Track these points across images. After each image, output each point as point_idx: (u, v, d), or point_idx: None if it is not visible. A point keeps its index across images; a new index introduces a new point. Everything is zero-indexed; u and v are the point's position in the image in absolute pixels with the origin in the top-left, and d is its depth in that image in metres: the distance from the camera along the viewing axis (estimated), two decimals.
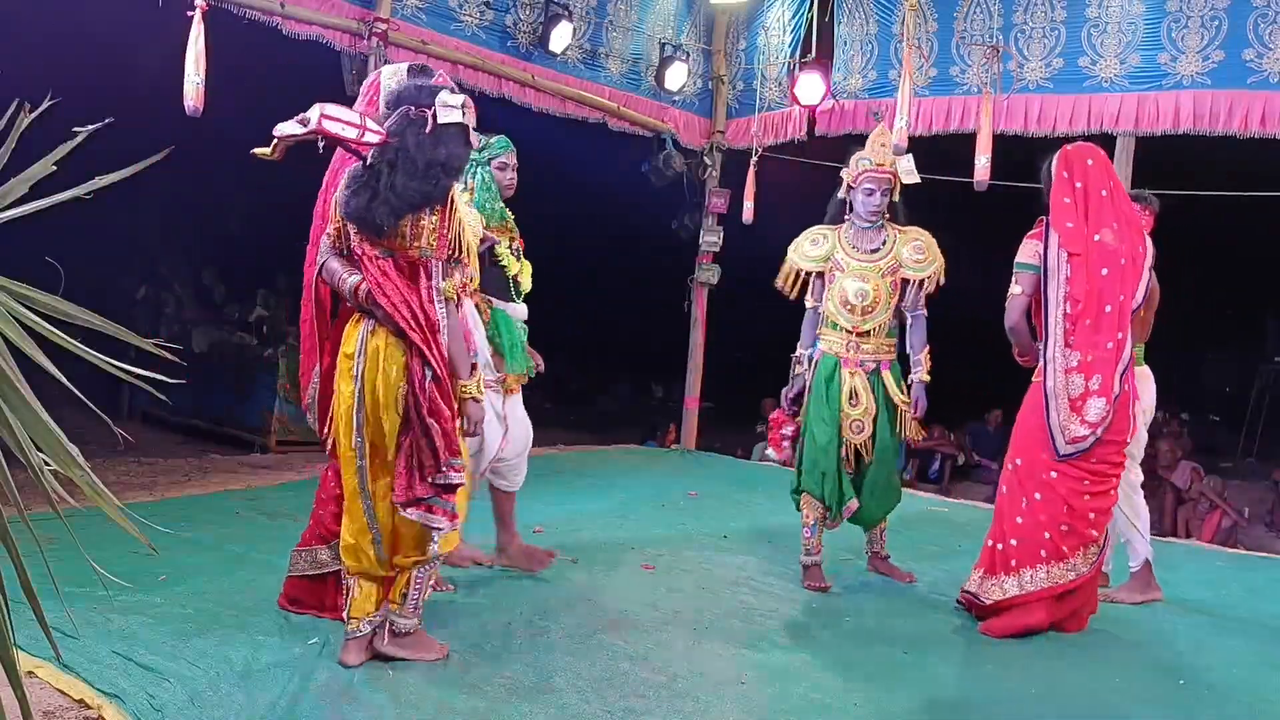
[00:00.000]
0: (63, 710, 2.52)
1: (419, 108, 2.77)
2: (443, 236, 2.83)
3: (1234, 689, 3.28)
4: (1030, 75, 6.48)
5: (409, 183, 2.72)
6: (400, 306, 2.77)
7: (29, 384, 1.50)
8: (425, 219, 2.79)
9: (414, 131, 2.75)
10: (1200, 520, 7.30)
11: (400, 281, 2.80)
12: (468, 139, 2.87)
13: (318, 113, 2.79)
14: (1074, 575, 3.71)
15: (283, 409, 7.95)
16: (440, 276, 2.86)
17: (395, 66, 3.19)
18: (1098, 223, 3.72)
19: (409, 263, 2.83)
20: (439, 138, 2.76)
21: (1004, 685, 3.21)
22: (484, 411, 3.02)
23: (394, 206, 2.72)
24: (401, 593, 2.94)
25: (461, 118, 2.80)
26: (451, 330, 2.87)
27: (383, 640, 2.95)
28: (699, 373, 8.46)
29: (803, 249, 4.34)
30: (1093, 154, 3.83)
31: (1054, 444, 3.69)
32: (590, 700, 2.81)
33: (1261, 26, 5.69)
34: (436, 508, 2.81)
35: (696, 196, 8.23)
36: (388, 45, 6.10)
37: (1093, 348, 3.66)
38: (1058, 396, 3.68)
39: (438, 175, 2.75)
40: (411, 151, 2.73)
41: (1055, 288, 3.70)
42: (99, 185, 1.62)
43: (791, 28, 7.69)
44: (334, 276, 2.92)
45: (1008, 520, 3.84)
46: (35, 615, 1.59)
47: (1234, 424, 11.21)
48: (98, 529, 1.82)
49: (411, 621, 2.96)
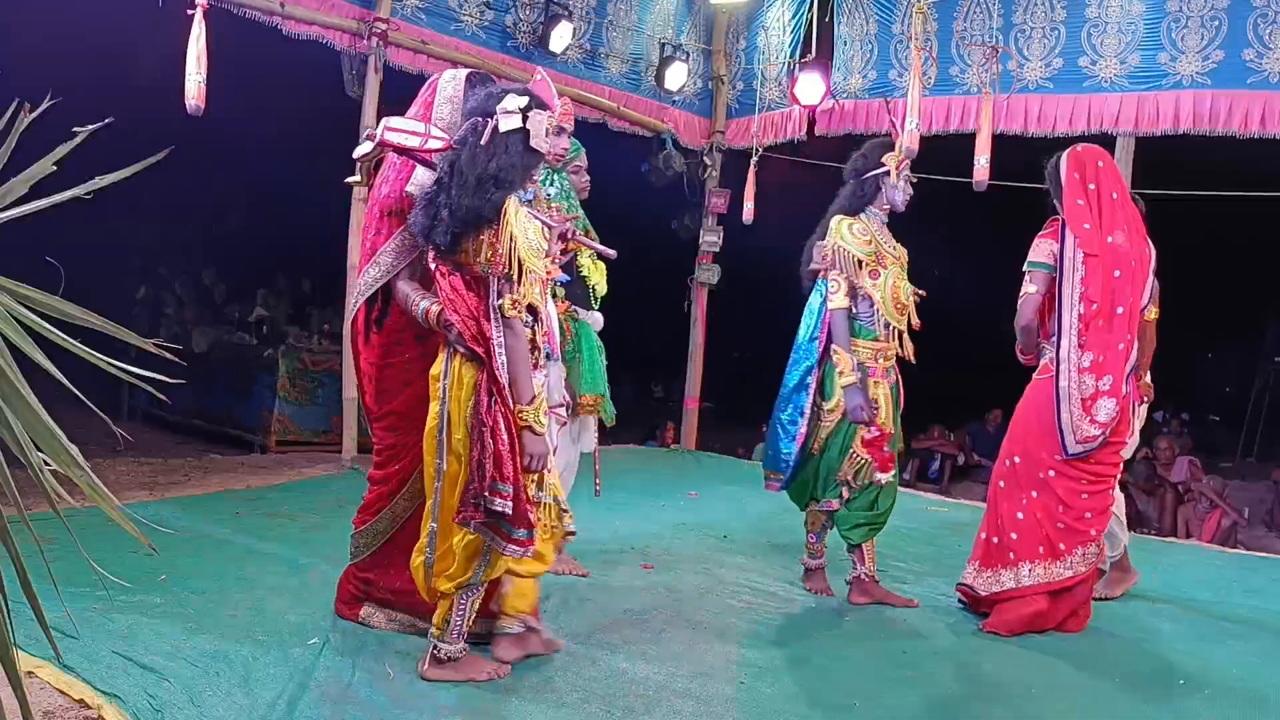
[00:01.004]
0: (63, 710, 2.52)
1: (485, 116, 2.72)
2: (497, 252, 2.68)
3: (1234, 689, 3.28)
4: (1030, 75, 6.48)
5: (461, 200, 2.65)
6: (469, 322, 2.70)
7: (29, 384, 1.50)
8: (484, 234, 2.68)
9: (471, 143, 2.70)
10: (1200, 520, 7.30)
11: (469, 297, 2.72)
12: (528, 146, 2.73)
13: (382, 126, 2.80)
14: (1070, 573, 3.72)
15: (283, 409, 7.95)
16: (496, 294, 2.72)
17: (454, 73, 3.13)
18: (1111, 225, 3.74)
19: (475, 279, 2.75)
20: (493, 149, 2.68)
21: (1004, 685, 3.21)
22: (544, 445, 2.79)
23: (448, 226, 2.66)
24: (445, 619, 2.84)
25: (521, 124, 2.69)
26: (510, 351, 2.72)
27: (423, 666, 2.86)
28: (699, 373, 8.47)
29: (850, 235, 3.89)
30: (1102, 156, 3.85)
31: (1063, 443, 3.70)
32: (590, 700, 2.81)
33: (1261, 26, 5.69)
34: (501, 533, 2.73)
35: (696, 196, 8.23)
36: (388, 45, 6.10)
37: (1105, 348, 3.68)
38: (1070, 396, 3.69)
39: (489, 190, 2.66)
40: (464, 166, 2.67)
41: (1070, 288, 3.70)
42: (99, 185, 1.62)
43: (791, 28, 7.69)
44: (406, 301, 2.90)
45: (1005, 514, 3.86)
46: (35, 615, 1.59)
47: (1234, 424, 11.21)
48: (98, 529, 1.83)
49: (457, 647, 2.85)
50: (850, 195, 4.02)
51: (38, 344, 1.51)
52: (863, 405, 3.81)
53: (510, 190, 2.70)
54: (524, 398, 2.72)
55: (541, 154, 2.81)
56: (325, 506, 5.05)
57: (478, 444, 2.67)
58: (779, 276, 4.51)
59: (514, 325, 2.72)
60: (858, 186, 4.00)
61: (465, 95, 3.00)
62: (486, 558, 2.78)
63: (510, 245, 2.67)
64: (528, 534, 2.75)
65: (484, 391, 2.69)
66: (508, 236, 2.67)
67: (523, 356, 2.73)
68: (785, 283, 4.36)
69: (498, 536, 2.74)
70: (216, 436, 8.35)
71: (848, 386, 3.82)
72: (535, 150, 2.75)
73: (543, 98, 2.87)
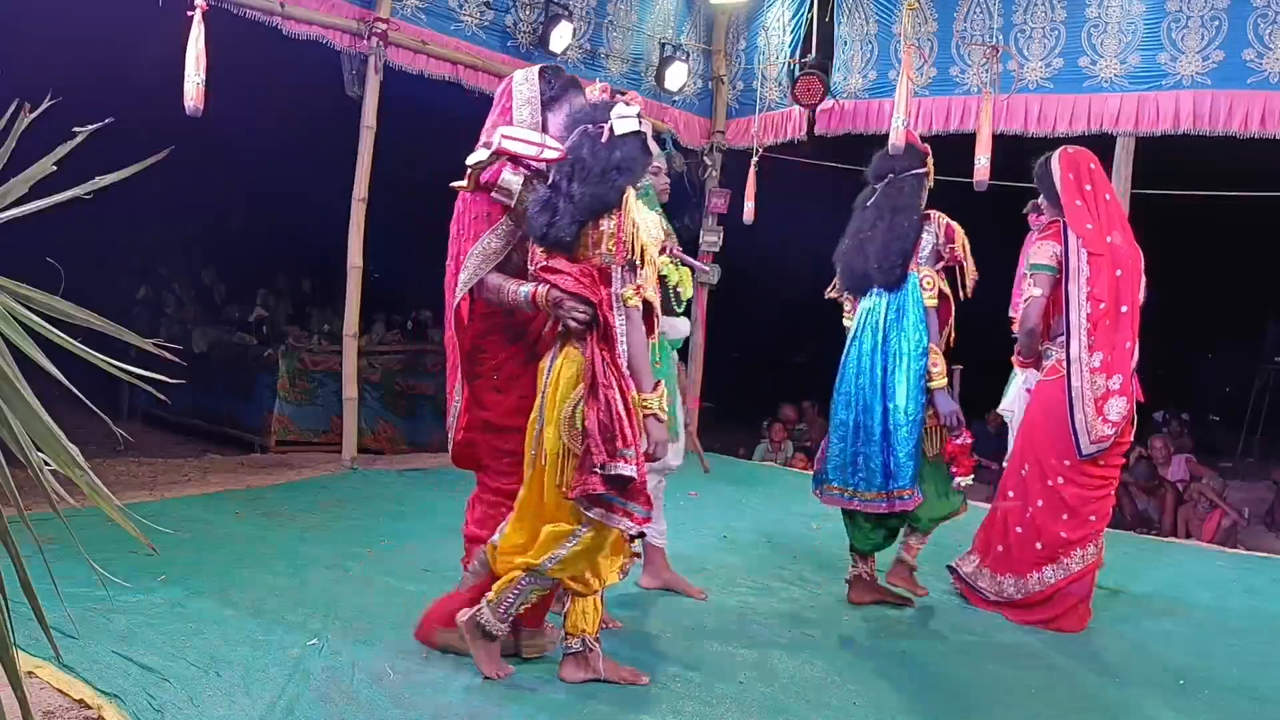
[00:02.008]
0: (63, 710, 2.52)
1: (596, 124, 2.80)
2: (620, 240, 2.71)
3: (1234, 689, 3.28)
4: (1030, 75, 6.48)
5: (585, 189, 2.71)
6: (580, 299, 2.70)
7: (29, 384, 1.50)
8: (604, 224, 2.72)
9: (590, 142, 2.78)
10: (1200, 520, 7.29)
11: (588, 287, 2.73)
12: (645, 146, 2.84)
13: (499, 135, 2.85)
14: (1064, 574, 3.77)
15: (283, 409, 7.94)
16: (619, 283, 2.74)
17: (526, 73, 3.11)
18: (1109, 225, 3.77)
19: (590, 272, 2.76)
20: (614, 144, 2.76)
21: (1004, 684, 3.21)
22: (666, 434, 2.82)
23: (573, 215, 2.71)
24: (500, 588, 2.85)
25: (638, 126, 2.79)
26: (632, 341, 2.74)
27: (462, 615, 2.89)
28: (699, 373, 8.46)
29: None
30: (1092, 158, 3.88)
31: (1077, 444, 3.70)
32: (590, 700, 2.80)
33: (1261, 26, 5.69)
34: (616, 507, 2.71)
35: (696, 196, 8.23)
36: (388, 45, 6.10)
37: (1113, 348, 3.70)
38: (1084, 396, 3.69)
39: (613, 177, 2.72)
40: (588, 160, 2.74)
41: (1077, 289, 3.71)
42: (99, 185, 1.62)
43: (791, 28, 7.69)
44: (499, 292, 2.88)
45: (1012, 524, 3.90)
46: (35, 615, 1.59)
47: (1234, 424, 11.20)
48: (98, 529, 1.82)
49: (498, 625, 2.85)
50: (912, 193, 3.91)
51: (38, 344, 1.51)
52: (957, 409, 3.84)
53: (632, 179, 2.78)
54: (646, 387, 2.75)
55: (652, 155, 2.89)
56: (325, 507, 5.05)
57: (597, 408, 2.64)
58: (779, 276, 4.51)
59: (634, 315, 2.74)
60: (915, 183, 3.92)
61: (542, 91, 3.03)
62: (561, 553, 2.76)
63: (633, 231, 2.71)
64: (644, 512, 2.74)
65: (599, 361, 2.67)
66: (630, 222, 2.71)
67: (643, 346, 2.76)
68: (785, 283, 4.35)
69: (612, 511, 2.70)
70: (216, 436, 8.35)
71: (942, 389, 3.81)
72: (648, 151, 2.85)
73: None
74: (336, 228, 6.30)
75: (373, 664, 2.93)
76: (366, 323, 8.04)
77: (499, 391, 3.05)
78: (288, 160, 8.61)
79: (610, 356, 2.70)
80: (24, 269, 1.61)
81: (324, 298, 9.88)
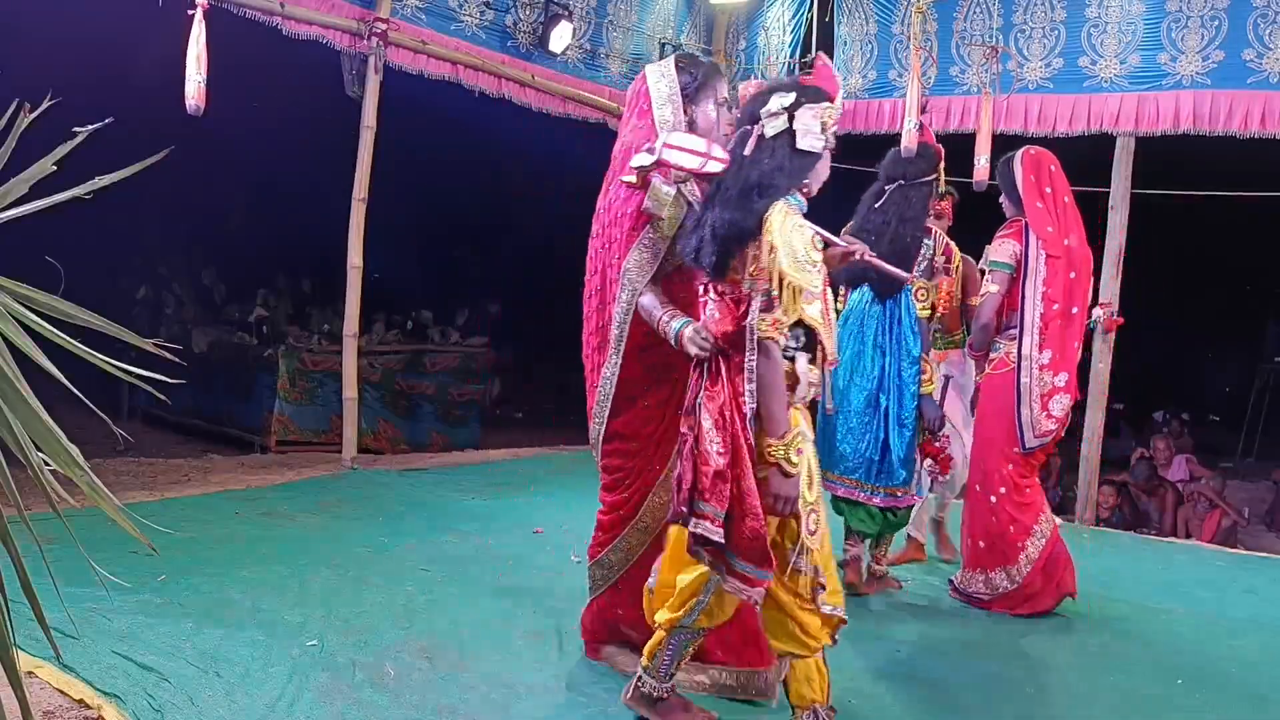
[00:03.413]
0: (63, 710, 2.52)
1: (753, 123, 2.46)
2: (759, 266, 2.35)
3: (1233, 688, 3.28)
4: (1030, 75, 6.48)
5: (723, 214, 2.39)
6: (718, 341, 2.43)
7: (29, 384, 1.50)
8: (749, 248, 2.38)
9: (736, 155, 2.46)
10: (1200, 520, 7.28)
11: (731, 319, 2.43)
12: (796, 148, 2.42)
13: (661, 143, 2.59)
14: (1042, 542, 3.89)
15: (283, 409, 7.94)
16: (755, 312, 2.35)
17: (659, 68, 2.92)
18: (1067, 228, 3.90)
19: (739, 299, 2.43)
20: (757, 156, 2.42)
21: (1003, 684, 3.20)
22: (794, 488, 2.37)
23: (712, 247, 2.40)
24: (654, 651, 2.59)
25: (787, 125, 2.41)
26: (761, 378, 2.35)
27: (626, 694, 2.66)
28: None
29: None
30: (1054, 160, 3.98)
31: (1021, 438, 3.86)
32: (592, 700, 2.80)
33: (1261, 26, 5.69)
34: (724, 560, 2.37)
35: None
36: (388, 45, 6.10)
37: (1062, 347, 3.86)
38: (1031, 392, 3.84)
39: (751, 199, 2.37)
40: (727, 180, 2.45)
41: (1033, 288, 3.85)
42: (99, 185, 1.62)
43: (791, 28, 7.69)
44: (650, 317, 2.69)
45: (984, 517, 3.99)
46: (35, 615, 1.60)
47: (1234, 424, 11.20)
48: (98, 529, 1.82)
49: (662, 686, 2.60)
50: (920, 204, 3.99)
51: (38, 344, 1.51)
52: (941, 414, 4.11)
53: (775, 197, 2.38)
54: (775, 430, 2.36)
55: (815, 154, 2.46)
56: (325, 507, 5.05)
57: (681, 452, 2.42)
58: None
59: (769, 349, 2.35)
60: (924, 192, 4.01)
61: (684, 85, 2.84)
62: (704, 601, 2.47)
63: (771, 257, 2.33)
64: (758, 572, 2.33)
65: (696, 394, 2.44)
66: (767, 248, 2.34)
67: (775, 385, 2.36)
68: None
69: (721, 568, 2.38)
70: (216, 436, 8.34)
71: (929, 395, 4.05)
72: (805, 151, 2.43)
73: (821, 87, 2.54)
74: (336, 228, 6.30)
75: (373, 664, 2.93)
76: (366, 323, 8.03)
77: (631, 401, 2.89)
78: (288, 160, 8.61)
79: (719, 393, 2.38)
80: (24, 269, 1.61)
81: (324, 298, 9.87)
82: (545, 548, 4.51)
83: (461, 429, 8.80)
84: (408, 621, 3.33)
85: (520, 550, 4.43)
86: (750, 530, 2.31)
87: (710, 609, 2.48)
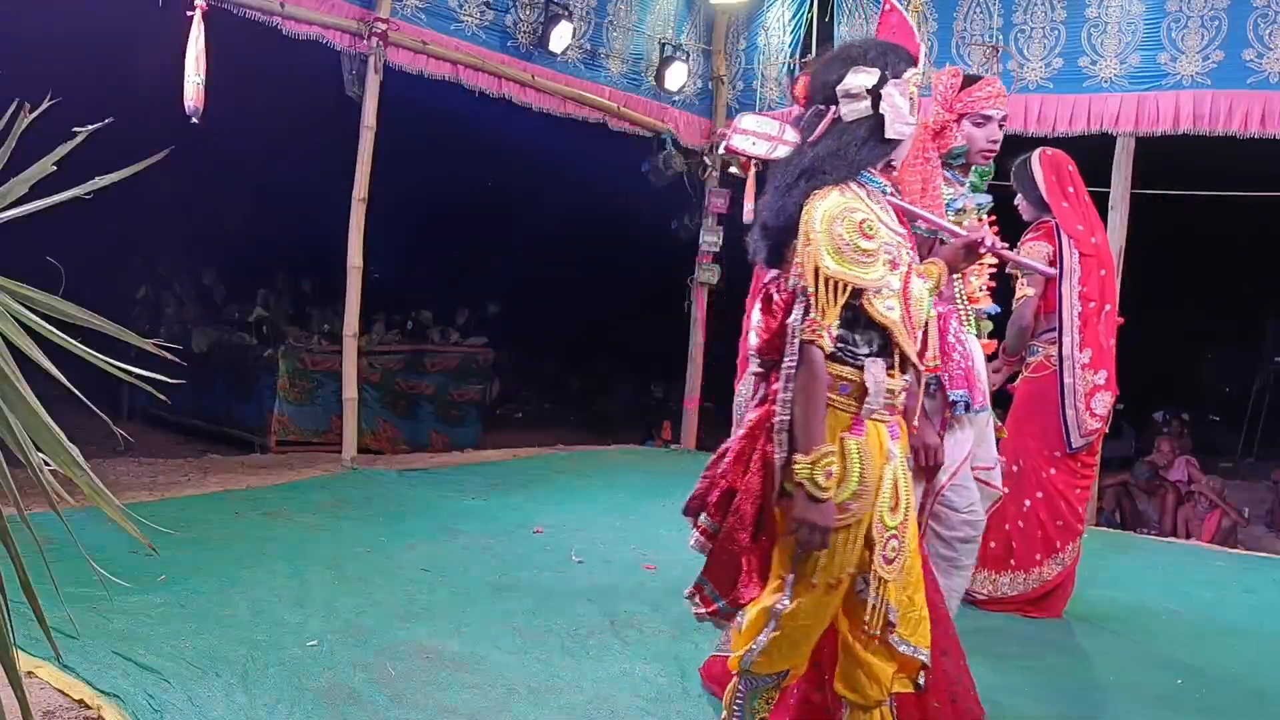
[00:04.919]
0: (63, 710, 2.52)
1: (827, 103, 2.14)
2: (797, 262, 2.09)
3: (1233, 688, 3.28)
4: (1030, 75, 6.48)
5: (772, 201, 2.15)
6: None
7: (29, 384, 1.50)
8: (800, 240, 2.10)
9: (803, 140, 2.18)
10: (1200, 520, 7.28)
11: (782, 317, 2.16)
12: (880, 137, 2.10)
13: (732, 127, 2.41)
14: (1060, 569, 3.88)
15: (283, 409, 7.95)
16: (800, 313, 2.06)
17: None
18: (1092, 227, 3.91)
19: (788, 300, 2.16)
20: (819, 141, 2.12)
21: (1002, 684, 3.20)
22: (820, 515, 2.00)
23: (760, 239, 2.20)
24: (728, 701, 2.26)
25: (871, 110, 2.08)
26: (800, 386, 2.05)
27: None
28: (699, 373, 8.47)
29: None
30: (1069, 160, 3.98)
31: (1068, 438, 3.86)
32: (593, 700, 2.80)
33: (1261, 26, 5.70)
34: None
35: (696, 196, 8.23)
36: (388, 45, 6.10)
37: (1099, 345, 3.86)
38: (1076, 392, 3.83)
39: (799, 187, 2.09)
40: (782, 164, 2.19)
41: (1070, 288, 3.83)
42: (99, 185, 1.62)
43: (791, 28, 7.70)
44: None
45: (1009, 521, 3.94)
46: (35, 615, 1.59)
47: (1234, 424, 11.20)
48: (98, 529, 1.83)
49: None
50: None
51: (38, 344, 1.51)
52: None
53: (823, 181, 2.08)
54: (804, 445, 2.04)
55: (896, 144, 2.14)
56: (325, 507, 5.05)
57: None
58: None
59: (810, 354, 2.04)
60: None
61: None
62: (761, 640, 2.10)
63: (807, 249, 2.03)
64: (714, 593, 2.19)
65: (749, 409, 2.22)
66: (803, 238, 2.06)
67: (814, 395, 2.05)
68: None
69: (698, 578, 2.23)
70: (216, 436, 8.35)
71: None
72: (888, 141, 2.12)
73: (902, 44, 2.23)
74: (336, 228, 6.30)
75: (373, 664, 2.93)
76: (366, 323, 8.04)
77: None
78: (288, 160, 8.61)
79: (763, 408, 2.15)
80: (24, 269, 1.61)
81: (324, 298, 9.86)
82: (545, 548, 4.51)
83: (461, 429, 8.81)
84: (408, 621, 3.33)
85: (520, 550, 4.43)
86: (722, 549, 2.15)
87: (769, 651, 2.11)
